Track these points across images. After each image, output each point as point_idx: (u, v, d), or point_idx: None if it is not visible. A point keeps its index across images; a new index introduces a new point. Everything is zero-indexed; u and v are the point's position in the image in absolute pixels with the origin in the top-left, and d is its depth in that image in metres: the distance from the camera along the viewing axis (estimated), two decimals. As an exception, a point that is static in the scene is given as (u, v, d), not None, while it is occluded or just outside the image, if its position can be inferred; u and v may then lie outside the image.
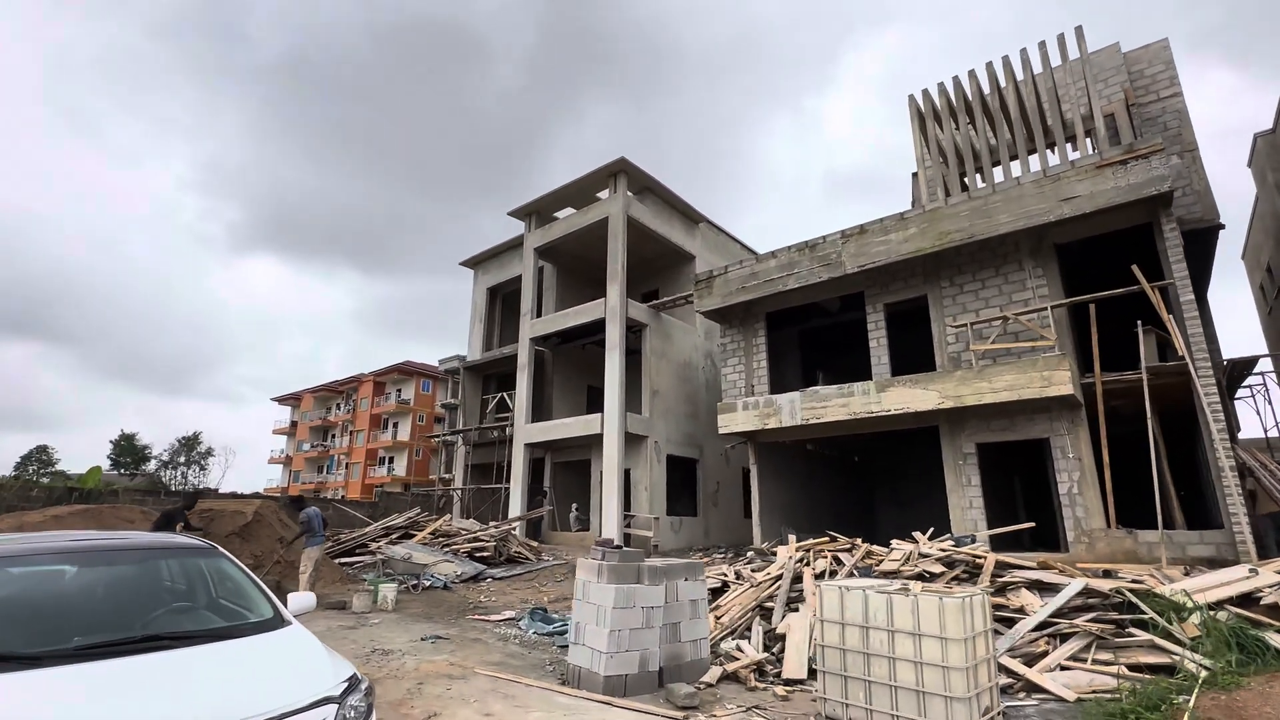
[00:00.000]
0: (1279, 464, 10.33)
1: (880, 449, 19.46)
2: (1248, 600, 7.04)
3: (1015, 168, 14.18)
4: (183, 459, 50.15)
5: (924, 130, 13.42)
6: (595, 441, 17.52)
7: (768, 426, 13.53)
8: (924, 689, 4.29)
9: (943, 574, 7.85)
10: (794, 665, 6.34)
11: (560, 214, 20.41)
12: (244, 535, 12.10)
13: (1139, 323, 10.46)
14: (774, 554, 9.57)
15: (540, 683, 5.88)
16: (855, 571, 8.08)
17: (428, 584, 11.84)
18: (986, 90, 12.90)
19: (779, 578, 8.40)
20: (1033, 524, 10.48)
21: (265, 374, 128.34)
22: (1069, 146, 14.00)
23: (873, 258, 12.84)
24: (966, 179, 13.28)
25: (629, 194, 18.00)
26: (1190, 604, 6.88)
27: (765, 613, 7.86)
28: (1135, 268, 10.40)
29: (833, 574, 8.19)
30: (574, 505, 18.55)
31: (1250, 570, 7.43)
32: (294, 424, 62.09)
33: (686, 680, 6.03)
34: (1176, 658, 5.82)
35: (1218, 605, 6.97)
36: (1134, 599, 6.94)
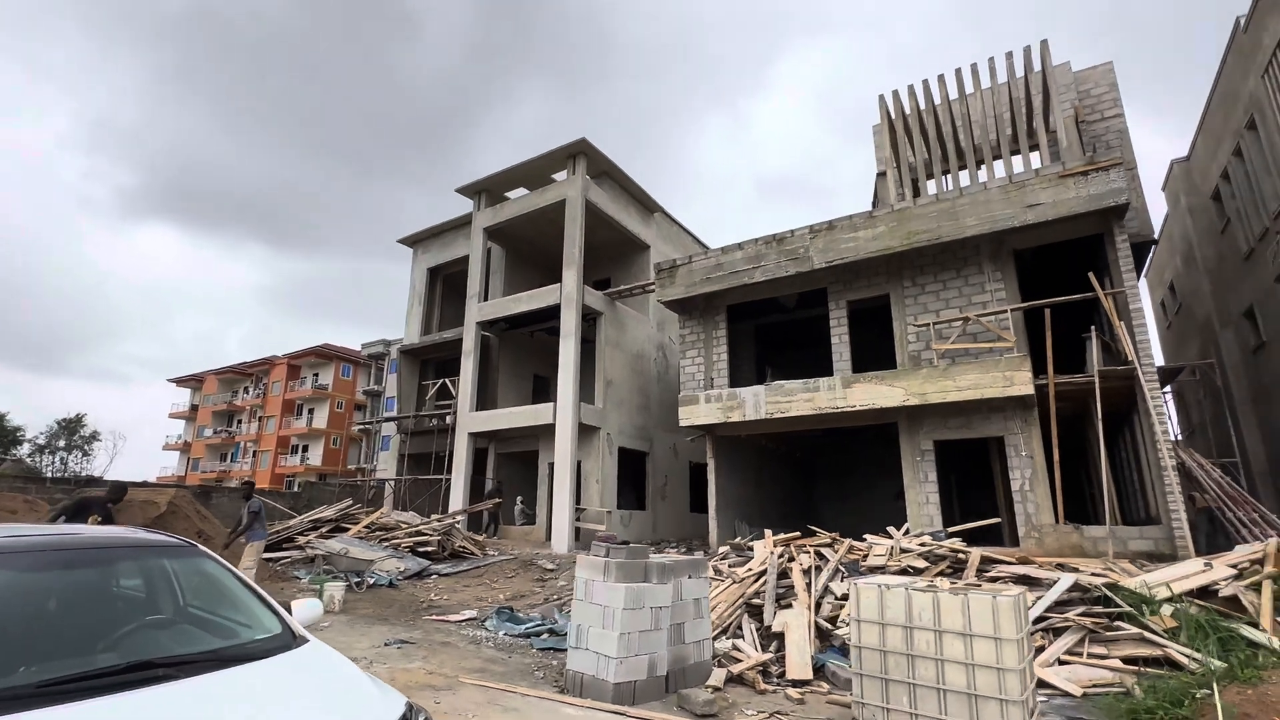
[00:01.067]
0: (1212, 464, 11.10)
1: (824, 446, 19.83)
2: (1206, 592, 7.41)
3: (965, 177, 14.68)
4: (62, 443, 45.08)
5: (893, 132, 13.60)
6: (544, 432, 16.86)
7: (730, 420, 13.37)
8: (976, 691, 4.10)
9: (926, 569, 7.86)
10: (798, 665, 6.11)
11: (512, 194, 19.52)
12: (155, 528, 10.76)
13: (1092, 329, 10.95)
14: (750, 549, 9.36)
15: (537, 692, 5.36)
16: (841, 567, 7.96)
17: (372, 581, 10.92)
18: (954, 96, 13.19)
19: (763, 573, 8.18)
20: (998, 519, 10.79)
21: (157, 353, 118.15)
22: (1017, 158, 14.60)
23: (841, 254, 12.89)
24: (934, 182, 13.55)
25: (587, 177, 17.40)
26: (1156, 597, 7.17)
27: (753, 610, 7.61)
28: (1091, 275, 10.88)
29: (817, 570, 8.04)
30: (519, 498, 17.82)
31: (1205, 564, 7.83)
32: (194, 408, 57.30)
33: (691, 684, 5.67)
34: (1166, 650, 6.00)
35: (1180, 597, 7.30)
36: (1109, 593, 7.16)
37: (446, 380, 18.92)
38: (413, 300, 21.99)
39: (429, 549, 13.77)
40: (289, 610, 2.93)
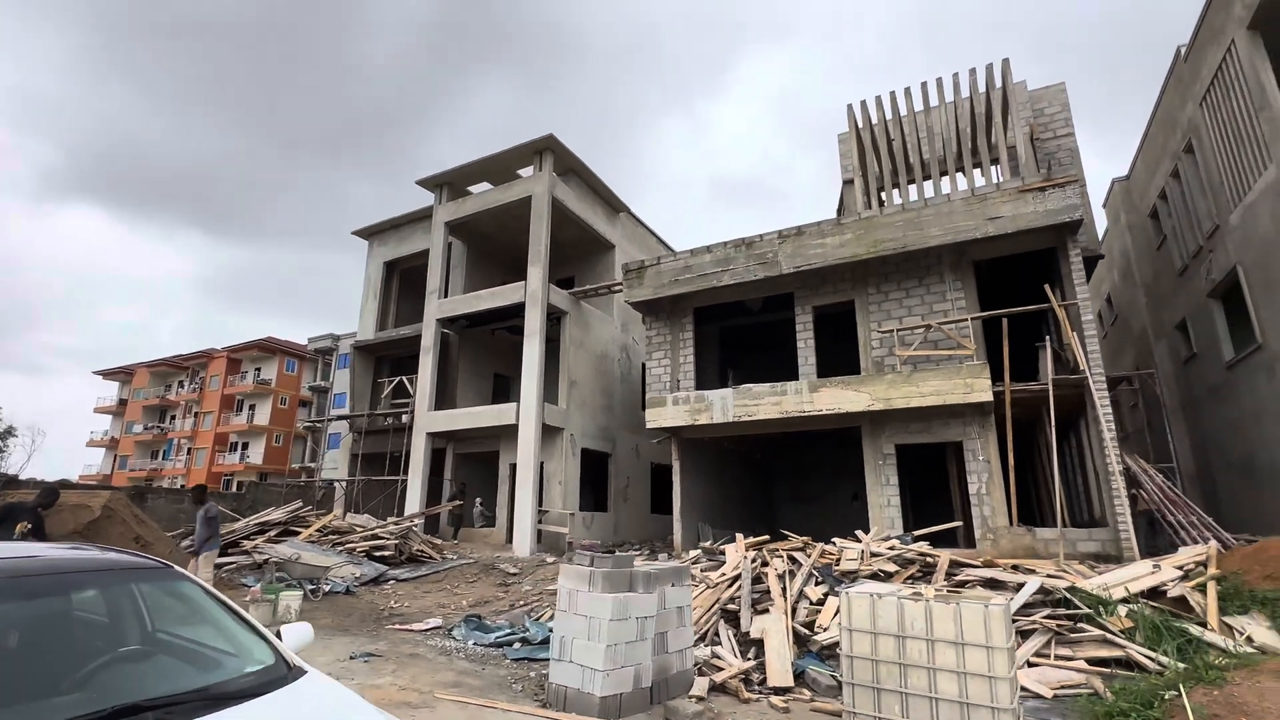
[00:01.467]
0: (1156, 469, 11.70)
1: (783, 448, 20.08)
2: (1155, 593, 7.77)
3: (928, 188, 15.09)
4: (-28, 440, 41.77)
5: (860, 141, 13.85)
6: (506, 433, 16.54)
7: (698, 422, 13.38)
8: (968, 700, 4.15)
9: (896, 573, 8.00)
10: (779, 673, 6.10)
11: (475, 189, 19.08)
12: (88, 535, 10.04)
13: (1047, 338, 11.40)
14: (721, 553, 9.35)
15: (518, 707, 5.18)
16: (815, 572, 8.02)
17: (328, 589, 10.45)
18: (919, 108, 13.52)
19: (736, 578, 8.18)
20: (959, 523, 11.10)
21: (80, 344, 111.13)
22: (977, 171, 15.09)
23: (809, 260, 13.05)
24: (897, 192, 13.87)
25: (554, 174, 17.14)
26: (1107, 598, 7.48)
27: (728, 615, 7.59)
28: (1048, 288, 11.31)
29: (791, 574, 8.08)
30: (478, 500, 17.42)
31: (1154, 566, 8.22)
32: (123, 402, 54.10)
33: (674, 694, 5.59)
34: (1128, 652, 6.25)
35: (1133, 598, 7.63)
36: (1069, 596, 7.43)
37: (404, 378, 18.34)
38: (368, 294, 21.25)
39: (386, 553, 13.31)
40: (279, 636, 2.70)
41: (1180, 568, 8.04)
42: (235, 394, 47.04)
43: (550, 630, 7.76)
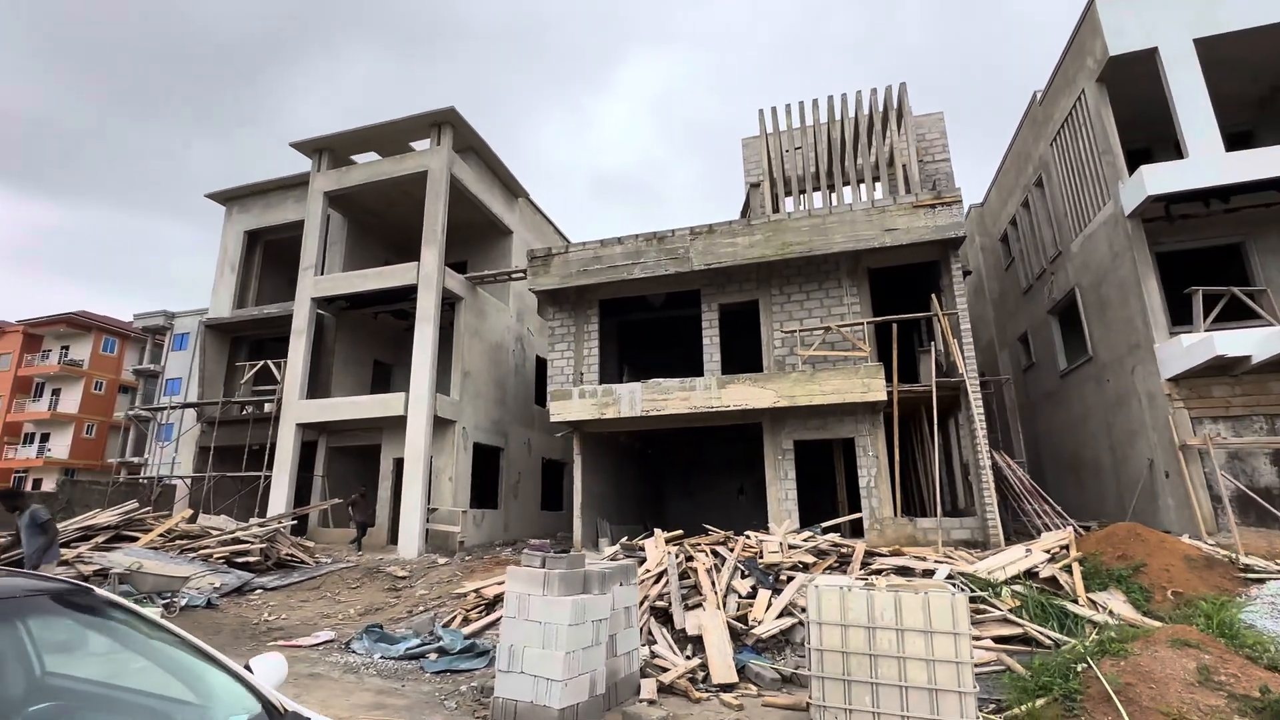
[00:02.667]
0: (1019, 464, 13.11)
1: (673, 444, 20.36)
2: (1029, 575, 8.65)
3: (819, 198, 15.93)
4: None
5: (769, 146, 14.29)
6: (390, 425, 15.29)
7: (605, 416, 13.12)
8: (937, 686, 4.27)
9: (815, 564, 8.26)
10: (722, 670, 6.02)
11: (360, 158, 17.44)
12: None
13: (931, 344, 12.39)
14: (641, 549, 9.18)
15: (461, 727, 4.65)
16: (739, 566, 8.08)
17: (184, 603, 8.98)
18: (823, 120, 14.19)
19: (661, 574, 8.04)
20: (858, 514, 11.74)
21: None
22: (866, 185, 16.15)
23: (719, 258, 13.24)
24: (806, 198, 14.46)
25: (453, 151, 16.07)
26: (993, 580, 8.23)
27: (657, 612, 7.43)
28: (934, 298, 12.31)
29: (717, 569, 8.08)
30: (354, 497, 15.93)
31: (1026, 550, 9.15)
32: None
33: (624, 698, 5.33)
34: (1026, 630, 6.86)
35: (1013, 580, 8.45)
36: (964, 579, 8.07)
37: (270, 362, 16.35)
38: (223, 266, 18.74)
39: (250, 559, 11.76)
40: (250, 671, 2.10)
41: (1048, 551, 9.02)
42: (34, 375, 39.82)
43: (465, 638, 7.18)
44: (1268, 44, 11.87)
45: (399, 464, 15.18)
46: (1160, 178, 11.23)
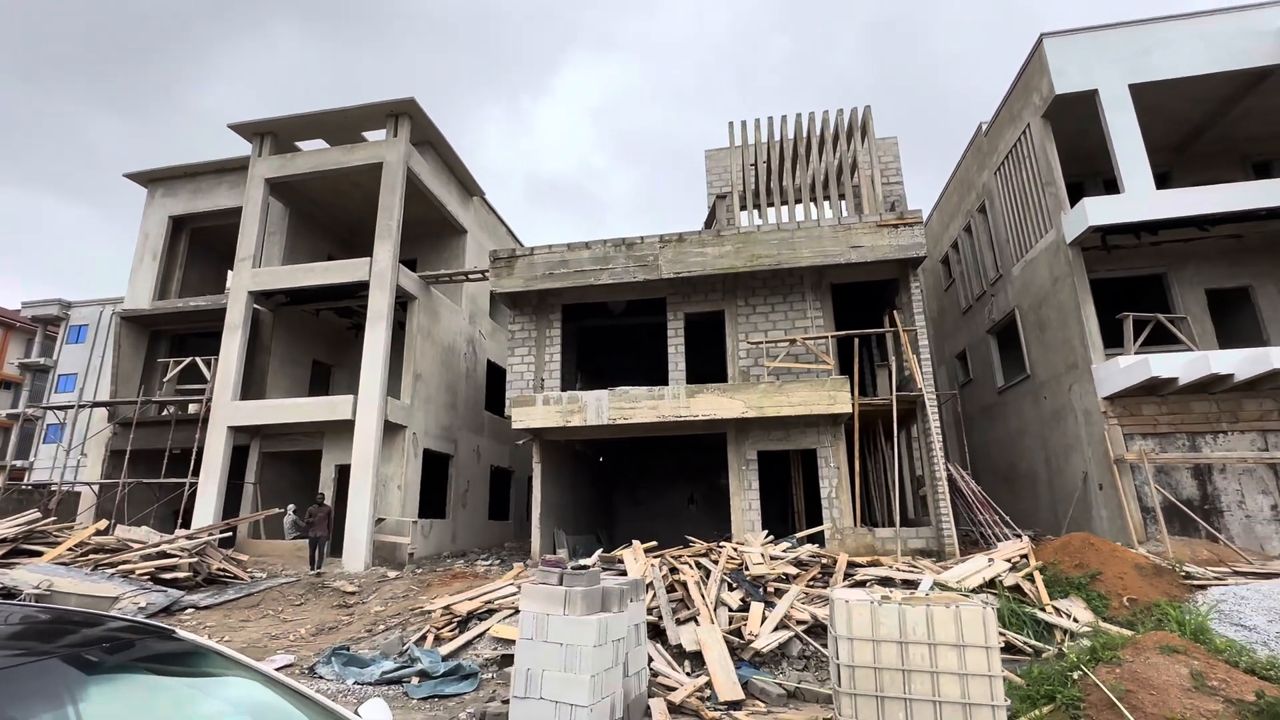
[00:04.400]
0: (970, 476, 13.68)
1: (624, 452, 20.18)
2: (993, 584, 9.00)
3: (785, 212, 16.26)
4: None
5: (742, 158, 14.44)
6: (334, 429, 14.38)
7: (570, 424, 12.80)
8: (970, 700, 4.29)
9: (799, 575, 8.28)
10: (727, 686, 5.89)
11: (306, 145, 16.43)
12: None
13: (892, 358, 12.80)
14: (620, 560, 8.94)
15: (476, 760, 4.30)
16: (726, 578, 7.99)
17: (110, 626, 8.01)
18: (790, 135, 14.49)
19: (647, 587, 7.84)
20: (821, 528, 11.91)
21: None
22: (828, 204, 16.60)
23: (689, 267, 13.23)
24: (775, 212, 14.68)
25: (410, 144, 15.39)
26: (964, 589, 8.50)
27: (648, 627, 7.21)
28: (896, 314, 12.74)
29: (703, 581, 7.96)
30: (290, 507, 14.86)
31: (989, 560, 9.53)
32: None
33: (634, 718, 5.10)
34: (1006, 638, 7.09)
35: (980, 589, 8.76)
36: (940, 588, 8.29)
37: (199, 359, 15.05)
38: (143, 253, 17.16)
39: (178, 575, 10.71)
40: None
41: (1009, 560, 9.42)
42: (-107, 367, 35.22)
43: (444, 658, 6.77)
44: (1187, 95, 13.04)
45: (343, 471, 14.28)
46: (1101, 210, 12.08)
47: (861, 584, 8.03)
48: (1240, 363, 10.83)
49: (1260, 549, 10.89)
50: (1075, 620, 7.79)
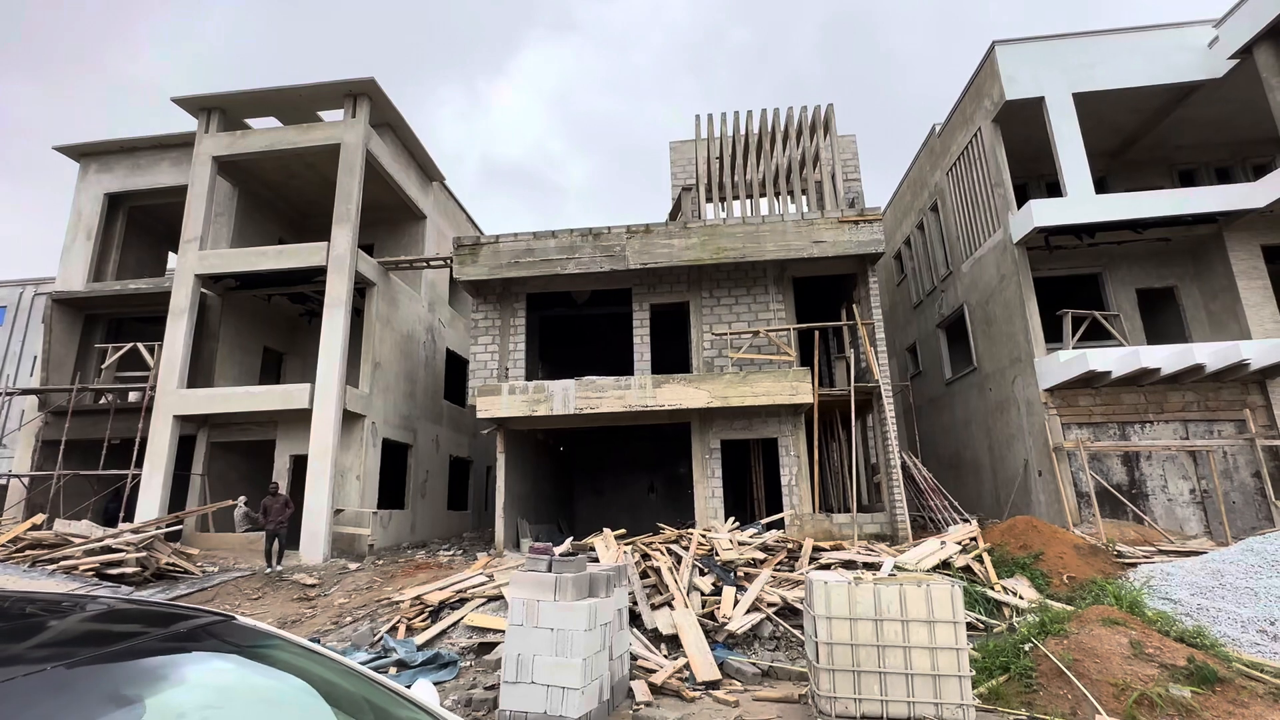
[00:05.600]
0: (921, 464, 14.28)
1: (585, 441, 20.25)
2: (946, 565, 9.50)
3: (742, 206, 16.54)
4: None
5: (708, 150, 14.59)
6: (288, 418, 13.95)
7: (536, 413, 12.78)
8: (939, 671, 4.58)
9: (766, 559, 8.56)
10: (704, 667, 6.08)
11: (257, 123, 15.75)
12: None
13: (851, 351, 13.24)
14: (591, 548, 9.04)
15: (468, 744, 4.36)
16: (697, 564, 8.19)
17: (57, 624, 7.64)
18: (755, 129, 14.71)
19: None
20: (783, 514, 12.25)
21: None
22: (791, 199, 16.96)
23: (655, 258, 13.34)
24: (739, 205, 14.90)
25: (369, 125, 14.95)
26: (920, 570, 8.95)
27: (622, 613, 7.35)
28: (856, 307, 13.16)
29: (675, 567, 8.14)
30: (242, 499, 14.37)
31: (941, 543, 10.05)
32: None
33: (619, 702, 5.24)
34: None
35: (934, 570, 9.23)
36: (899, 570, 8.70)
37: (140, 345, 14.31)
38: (76, 231, 16.16)
39: (125, 570, 10.27)
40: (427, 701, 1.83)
41: (959, 543, 9.95)
42: None
43: (418, 648, 6.76)
44: (1125, 104, 13.85)
45: (298, 461, 13.90)
46: (1046, 211, 12.75)
47: (826, 567, 8.37)
48: (1167, 357, 11.67)
49: (1180, 529, 11.81)
50: (1021, 598, 8.32)
